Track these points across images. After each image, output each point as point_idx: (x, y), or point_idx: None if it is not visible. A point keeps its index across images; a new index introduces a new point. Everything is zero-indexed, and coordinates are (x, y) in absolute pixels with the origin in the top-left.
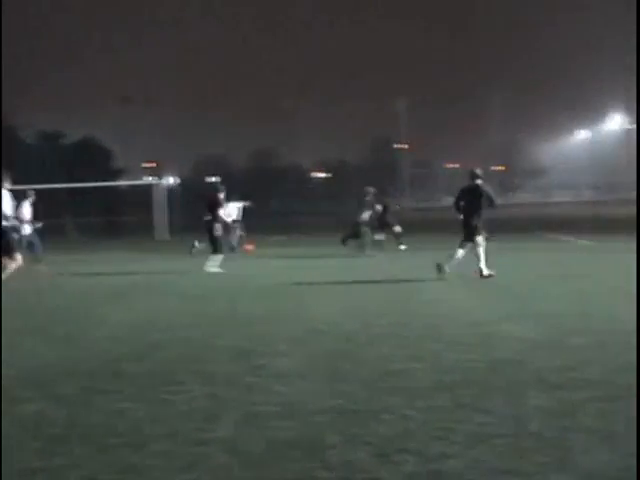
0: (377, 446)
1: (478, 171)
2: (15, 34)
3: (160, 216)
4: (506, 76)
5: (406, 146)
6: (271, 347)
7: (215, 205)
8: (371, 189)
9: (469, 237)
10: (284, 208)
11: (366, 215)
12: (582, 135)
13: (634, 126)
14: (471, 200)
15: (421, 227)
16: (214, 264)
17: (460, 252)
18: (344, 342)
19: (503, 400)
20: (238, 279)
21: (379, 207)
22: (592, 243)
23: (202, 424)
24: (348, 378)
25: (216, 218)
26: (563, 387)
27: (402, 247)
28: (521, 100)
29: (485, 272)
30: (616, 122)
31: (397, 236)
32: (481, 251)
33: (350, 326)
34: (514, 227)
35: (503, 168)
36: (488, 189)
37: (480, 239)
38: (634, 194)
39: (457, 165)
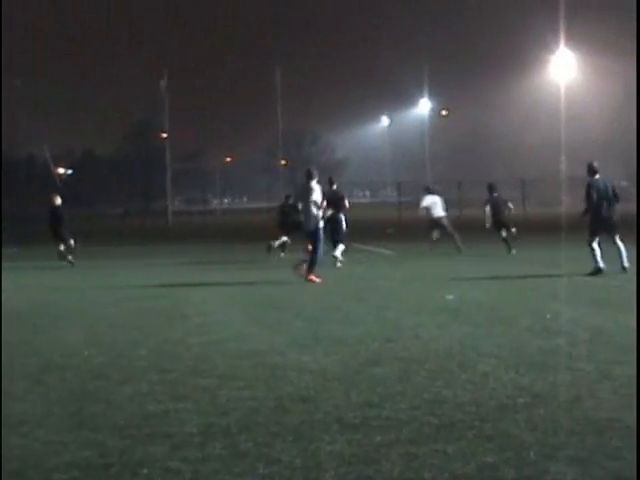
0: None
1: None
2: None
3: None
4: (297, 60)
5: (165, 135)
6: None
7: None
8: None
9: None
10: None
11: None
12: (384, 123)
13: (445, 112)
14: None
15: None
16: None
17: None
18: (92, 379)
19: (292, 446)
20: None
21: None
22: (393, 253)
23: None
24: (98, 424)
25: None
26: (364, 428)
27: None
28: (312, 86)
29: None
30: (423, 108)
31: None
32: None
33: (99, 358)
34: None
35: (284, 162)
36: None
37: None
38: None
39: (229, 159)
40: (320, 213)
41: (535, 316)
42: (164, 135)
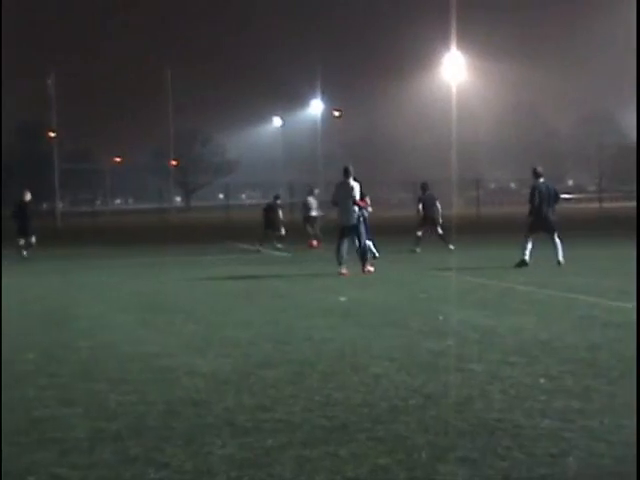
0: None
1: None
2: None
3: None
4: (188, 60)
5: (53, 134)
6: None
7: None
8: None
9: None
10: None
11: None
12: (277, 124)
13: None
14: None
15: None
16: None
17: None
18: None
19: (183, 450)
20: None
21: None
22: (288, 254)
23: None
24: None
25: None
26: (255, 431)
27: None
28: (204, 87)
29: None
30: (316, 108)
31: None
32: None
33: None
34: (198, 236)
35: (175, 163)
36: None
37: None
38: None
39: (119, 159)
40: (357, 209)
41: (427, 317)
42: (52, 134)
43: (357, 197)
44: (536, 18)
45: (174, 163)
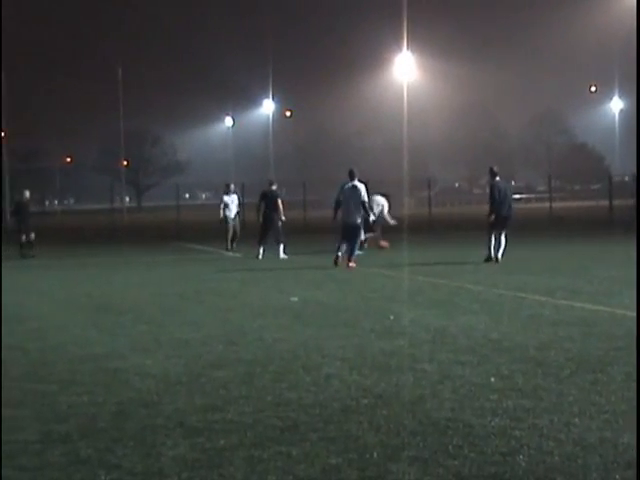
0: None
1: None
2: None
3: None
4: (138, 60)
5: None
6: None
7: None
8: None
9: None
10: None
11: None
12: (228, 124)
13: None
14: None
15: None
16: None
17: None
18: None
19: (134, 451)
20: None
21: None
22: (239, 255)
23: None
24: None
25: None
26: (207, 432)
27: None
28: (153, 86)
29: None
30: (267, 108)
31: None
32: None
33: None
34: (149, 237)
35: (126, 163)
36: None
37: None
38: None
39: (69, 159)
40: (362, 210)
41: (378, 318)
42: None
43: (365, 199)
44: (487, 18)
45: (125, 163)
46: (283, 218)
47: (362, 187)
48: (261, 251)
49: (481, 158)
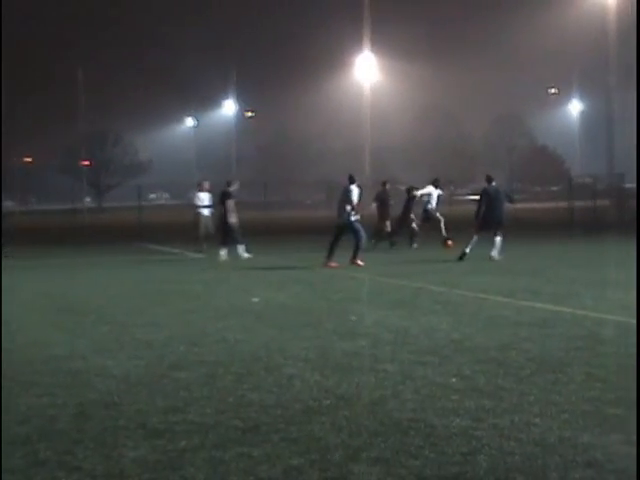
0: None
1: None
2: None
3: None
4: (98, 60)
5: None
6: None
7: None
8: None
9: None
10: None
11: None
12: (189, 124)
13: (249, 114)
14: None
15: None
16: None
17: None
18: None
19: (94, 453)
20: None
21: None
22: (202, 256)
23: None
24: None
25: None
26: (168, 433)
27: None
28: (114, 86)
29: None
30: (229, 109)
31: None
32: None
33: None
34: (111, 237)
35: (87, 163)
36: None
37: None
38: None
39: (30, 159)
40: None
41: (340, 318)
42: None
43: (354, 200)
44: (450, 18)
45: (86, 163)
46: (231, 220)
47: (355, 190)
48: (224, 252)
49: (445, 160)
